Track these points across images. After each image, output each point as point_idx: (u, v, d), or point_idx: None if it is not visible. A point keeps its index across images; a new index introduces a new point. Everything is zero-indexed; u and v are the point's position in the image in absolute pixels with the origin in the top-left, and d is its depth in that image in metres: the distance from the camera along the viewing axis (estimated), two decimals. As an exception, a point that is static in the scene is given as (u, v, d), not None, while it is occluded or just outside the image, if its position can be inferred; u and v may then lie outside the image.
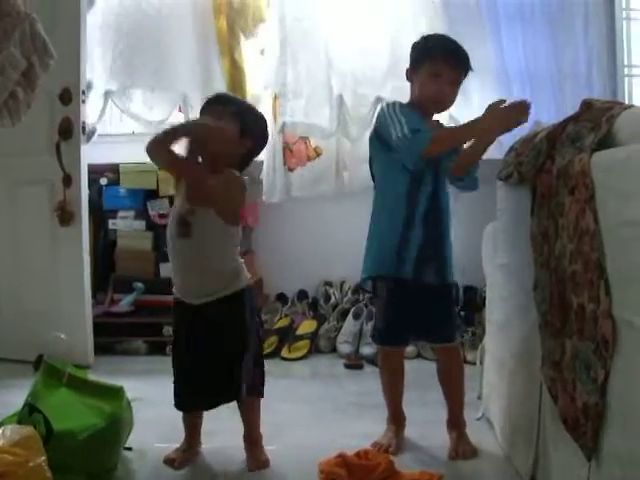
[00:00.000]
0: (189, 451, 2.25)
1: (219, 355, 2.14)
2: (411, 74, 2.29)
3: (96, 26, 3.56)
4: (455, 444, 2.28)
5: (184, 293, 2.19)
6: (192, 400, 2.21)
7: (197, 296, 2.16)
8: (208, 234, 2.11)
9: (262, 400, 2.26)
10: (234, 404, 2.19)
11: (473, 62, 2.28)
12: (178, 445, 2.26)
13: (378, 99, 3.58)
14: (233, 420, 2.24)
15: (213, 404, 2.21)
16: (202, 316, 2.15)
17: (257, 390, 2.23)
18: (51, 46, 2.30)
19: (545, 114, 3.53)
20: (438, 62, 2.21)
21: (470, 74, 2.28)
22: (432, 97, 2.24)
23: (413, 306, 2.26)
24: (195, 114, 3.60)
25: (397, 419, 2.39)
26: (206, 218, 2.10)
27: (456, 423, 2.35)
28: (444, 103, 2.29)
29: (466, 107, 3.50)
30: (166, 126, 2.71)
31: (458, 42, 2.28)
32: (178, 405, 2.22)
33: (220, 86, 3.60)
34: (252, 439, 2.25)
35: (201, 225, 2.10)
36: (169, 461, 2.20)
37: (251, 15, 3.63)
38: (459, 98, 2.31)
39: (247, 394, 2.16)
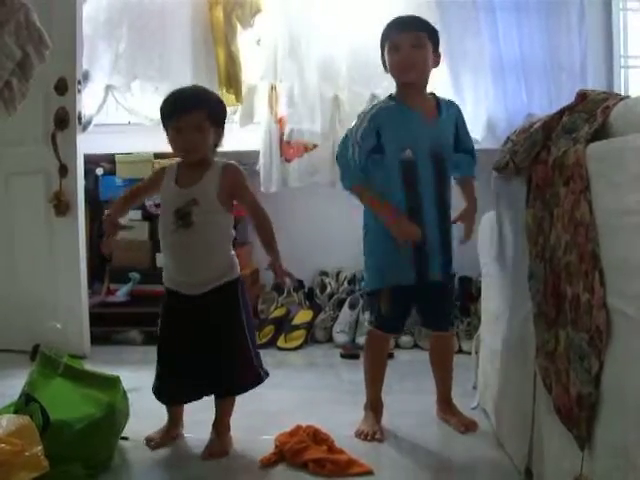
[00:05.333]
0: (169, 433, 2.30)
1: (216, 347, 2.18)
2: (385, 62, 2.34)
3: (99, 21, 3.58)
4: (458, 420, 2.35)
5: (180, 285, 2.22)
6: (179, 391, 2.26)
7: (194, 287, 2.19)
8: (210, 223, 2.16)
9: (258, 389, 2.28)
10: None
11: (466, 55, 2.29)
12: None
13: (374, 96, 3.59)
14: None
15: (199, 396, 2.27)
16: (198, 307, 2.19)
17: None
18: (46, 36, 2.30)
19: (538, 106, 3.52)
20: (392, 36, 2.28)
21: (462, 67, 2.28)
22: (399, 65, 2.28)
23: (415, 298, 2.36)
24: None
25: (376, 406, 2.42)
26: (207, 207, 2.15)
27: (448, 403, 2.42)
28: (411, 66, 2.27)
29: (458, 99, 3.50)
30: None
31: (415, 15, 2.37)
32: (162, 396, 2.28)
33: (213, 78, 3.59)
34: (220, 429, 2.26)
35: (202, 214, 2.14)
36: (149, 440, 2.25)
37: (249, 5, 3.62)
38: (452, 90, 2.31)
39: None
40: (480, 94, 3.56)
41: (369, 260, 2.36)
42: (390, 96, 2.35)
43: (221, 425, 2.26)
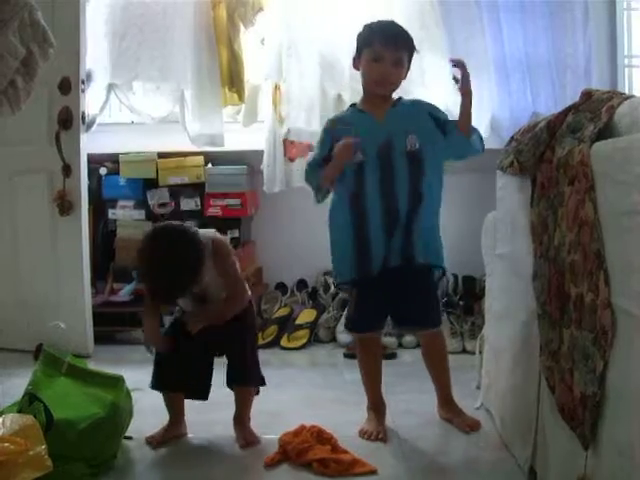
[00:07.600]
0: (170, 432, 2.30)
1: (228, 347, 2.29)
2: (357, 62, 2.36)
3: (102, 19, 3.58)
4: (461, 420, 2.35)
5: None
6: (198, 385, 2.32)
7: None
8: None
9: (262, 388, 2.33)
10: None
11: (470, 55, 2.28)
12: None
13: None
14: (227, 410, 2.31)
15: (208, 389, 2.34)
16: None
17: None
18: (51, 34, 2.30)
19: (543, 105, 3.52)
20: (377, 47, 2.27)
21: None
22: (376, 79, 2.30)
23: (385, 293, 2.32)
24: (190, 108, 3.60)
25: (378, 406, 2.42)
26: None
27: (449, 402, 2.41)
28: (389, 83, 2.31)
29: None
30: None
31: (398, 25, 2.35)
32: (166, 385, 2.32)
33: (215, 77, 3.59)
34: (244, 420, 2.31)
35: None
36: (149, 439, 2.26)
37: (251, 4, 3.61)
38: (453, 90, 2.30)
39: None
40: (484, 94, 3.55)
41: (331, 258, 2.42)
42: (352, 105, 2.41)
43: (245, 418, 2.31)
